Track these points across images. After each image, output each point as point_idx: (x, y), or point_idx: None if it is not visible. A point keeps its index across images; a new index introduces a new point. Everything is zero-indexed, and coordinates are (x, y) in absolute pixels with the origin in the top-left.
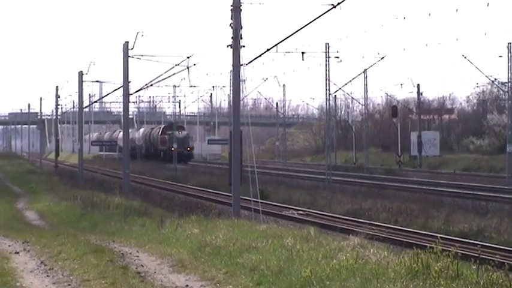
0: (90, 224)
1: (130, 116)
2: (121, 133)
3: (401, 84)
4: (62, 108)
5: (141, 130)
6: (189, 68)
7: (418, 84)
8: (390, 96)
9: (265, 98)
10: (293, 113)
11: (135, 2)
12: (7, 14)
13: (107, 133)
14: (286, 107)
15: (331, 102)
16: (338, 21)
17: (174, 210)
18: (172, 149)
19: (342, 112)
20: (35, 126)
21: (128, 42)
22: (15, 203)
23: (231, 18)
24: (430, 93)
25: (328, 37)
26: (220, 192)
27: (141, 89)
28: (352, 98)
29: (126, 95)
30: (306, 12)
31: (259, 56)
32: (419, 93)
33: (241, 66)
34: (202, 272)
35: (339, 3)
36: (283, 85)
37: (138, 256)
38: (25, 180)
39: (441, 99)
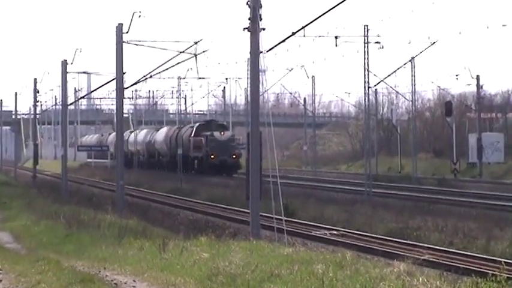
0: (76, 247)
1: (125, 115)
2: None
3: (456, 76)
4: (41, 105)
5: (163, 130)
6: (197, 56)
7: (478, 76)
8: (443, 90)
9: (290, 93)
10: (324, 110)
11: None
12: None
13: (96, 136)
14: (316, 104)
15: (371, 97)
16: None
17: (179, 230)
18: (212, 156)
19: (385, 110)
20: (8, 127)
21: (121, 24)
22: None
23: None
24: (492, 87)
25: (368, 18)
26: (235, 208)
27: (138, 82)
28: (397, 92)
29: (120, 89)
30: None
31: (283, 41)
32: (478, 87)
33: (261, 54)
34: None
35: None
36: (312, 77)
37: (135, 286)
38: None
39: (506, 93)
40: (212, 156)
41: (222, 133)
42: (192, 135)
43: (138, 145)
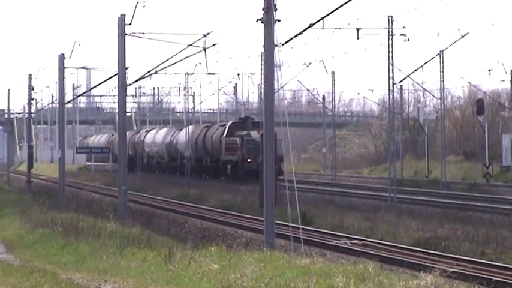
0: (75, 258)
1: (128, 114)
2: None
3: (489, 71)
4: (36, 103)
5: (184, 131)
6: (206, 50)
7: None
8: (475, 86)
9: (308, 90)
10: (345, 109)
11: None
12: None
13: (106, 136)
14: (336, 102)
15: (395, 94)
16: None
17: (187, 239)
18: (249, 160)
19: (411, 108)
20: (0, 127)
21: (124, 15)
22: None
23: None
24: None
25: (392, 8)
26: (248, 216)
27: (142, 78)
28: (424, 89)
29: (122, 85)
30: None
31: (300, 33)
32: None
33: (276, 47)
34: None
35: None
36: (332, 72)
37: None
38: None
39: None
40: (249, 160)
41: (261, 132)
42: (225, 135)
43: (156, 146)
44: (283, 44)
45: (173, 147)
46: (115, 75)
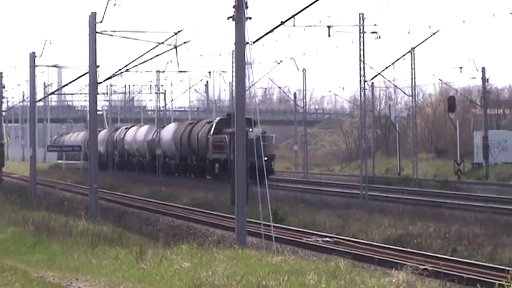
0: (46, 256)
1: (99, 112)
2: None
3: (460, 68)
4: (7, 102)
5: (170, 127)
6: (178, 48)
7: (483, 68)
8: (446, 83)
9: (279, 87)
10: (316, 107)
11: None
12: None
13: (83, 133)
14: (308, 99)
15: (367, 92)
16: None
17: (158, 237)
18: None
19: (382, 106)
20: None
21: (95, 13)
22: None
23: None
24: (500, 80)
25: (363, 6)
26: (219, 214)
27: (113, 76)
28: (396, 86)
29: (94, 83)
30: None
31: (271, 31)
32: (484, 80)
33: (247, 45)
34: None
35: None
36: (303, 70)
37: None
38: None
39: None
40: None
41: (251, 129)
42: (212, 132)
43: (137, 144)
44: (254, 42)
45: (155, 146)
46: (86, 73)
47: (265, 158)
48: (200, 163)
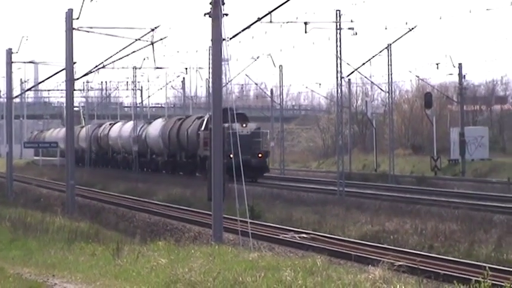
0: (23, 253)
1: (76, 108)
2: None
3: (437, 64)
4: None
5: (158, 123)
6: (154, 44)
7: (460, 64)
8: (422, 80)
9: (256, 84)
10: (293, 103)
11: None
12: None
13: (58, 130)
14: (284, 96)
15: (343, 88)
16: None
17: (135, 233)
18: (231, 155)
19: (359, 102)
20: None
21: (71, 10)
22: None
23: None
24: (476, 77)
25: (340, 2)
26: (196, 210)
27: (89, 73)
28: (372, 82)
29: (70, 80)
30: None
31: (248, 27)
32: (461, 76)
33: (224, 41)
34: None
35: None
36: (280, 66)
37: None
38: None
39: (490, 83)
40: (231, 156)
41: (244, 125)
42: (203, 128)
43: (122, 140)
44: (231, 38)
45: (142, 142)
46: (63, 69)
47: (259, 155)
48: (190, 160)
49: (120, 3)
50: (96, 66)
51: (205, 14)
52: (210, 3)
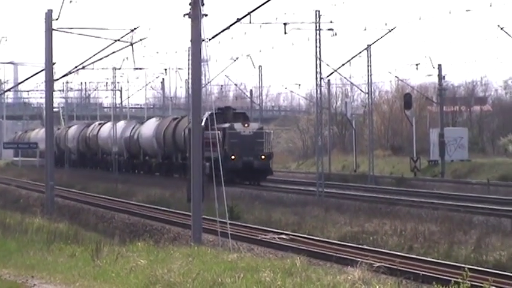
0: (1, 254)
1: (55, 109)
2: (58, 132)
3: (416, 65)
4: None
5: (151, 123)
6: (134, 45)
7: (440, 65)
8: (402, 81)
9: (236, 84)
10: (272, 104)
11: None
12: None
13: (37, 131)
14: (264, 96)
15: (323, 89)
16: None
17: (114, 234)
18: (233, 157)
19: (338, 103)
20: None
21: (51, 10)
22: None
23: None
24: (456, 77)
25: (319, 3)
26: (175, 211)
27: (69, 73)
28: (352, 83)
29: (50, 80)
30: None
31: (227, 28)
32: (440, 77)
33: (203, 42)
34: None
35: None
36: (259, 67)
37: None
38: None
39: (470, 84)
40: (233, 157)
41: (246, 125)
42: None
43: (113, 141)
44: (210, 39)
45: (134, 143)
46: (42, 70)
47: (262, 156)
48: (187, 162)
49: (99, 4)
50: (76, 67)
51: (184, 15)
52: (190, 4)
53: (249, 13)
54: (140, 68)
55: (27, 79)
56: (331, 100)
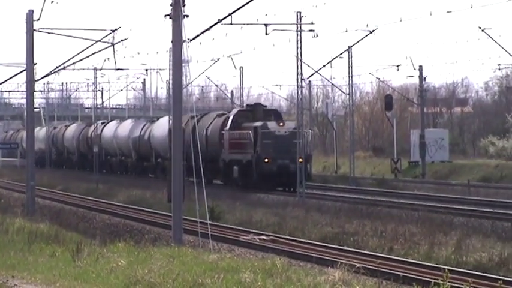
0: None
1: (36, 110)
2: (41, 131)
3: (397, 66)
4: None
5: (164, 121)
6: (115, 46)
7: (421, 66)
8: (383, 82)
9: (216, 85)
10: None
11: None
12: None
13: (38, 129)
14: (245, 97)
15: (304, 90)
16: None
17: (95, 235)
18: (267, 160)
19: (319, 104)
20: None
21: (32, 11)
22: None
23: None
24: (437, 79)
25: (300, 4)
26: (156, 211)
27: (50, 74)
28: (333, 84)
29: (31, 81)
30: None
31: (208, 29)
32: (421, 78)
33: (184, 43)
34: None
35: None
36: (240, 68)
37: None
38: None
39: (451, 86)
40: (267, 160)
41: (281, 123)
42: (228, 127)
43: (119, 141)
44: (191, 40)
45: (144, 143)
46: (23, 70)
47: (300, 159)
48: (208, 165)
49: (81, 4)
50: (57, 68)
51: (165, 16)
52: (171, 5)
53: (230, 14)
54: (121, 69)
55: (8, 79)
56: (312, 101)
